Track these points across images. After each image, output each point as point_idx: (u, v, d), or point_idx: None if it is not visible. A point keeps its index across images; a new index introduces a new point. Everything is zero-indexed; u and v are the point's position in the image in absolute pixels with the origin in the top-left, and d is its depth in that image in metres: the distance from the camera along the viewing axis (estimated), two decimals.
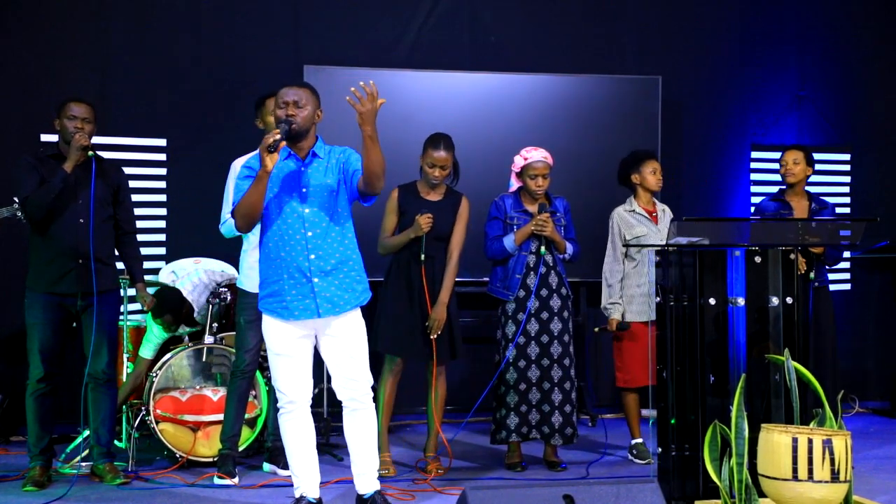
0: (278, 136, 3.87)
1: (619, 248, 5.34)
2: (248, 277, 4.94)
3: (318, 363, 4.18)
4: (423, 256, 4.95)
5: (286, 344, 4.03)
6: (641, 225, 5.35)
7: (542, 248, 5.07)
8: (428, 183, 5.04)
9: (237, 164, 4.98)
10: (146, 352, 5.45)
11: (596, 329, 5.54)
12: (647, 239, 5.28)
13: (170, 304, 5.29)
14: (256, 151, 4.95)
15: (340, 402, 4.11)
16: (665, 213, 5.45)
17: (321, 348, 4.09)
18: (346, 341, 4.06)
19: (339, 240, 4.03)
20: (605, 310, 5.37)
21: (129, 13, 6.39)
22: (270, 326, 4.05)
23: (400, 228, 5.02)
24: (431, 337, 4.92)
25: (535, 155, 5.09)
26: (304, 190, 4.00)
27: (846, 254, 7.18)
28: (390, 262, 5.09)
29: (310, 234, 3.98)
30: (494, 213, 5.18)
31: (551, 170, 5.14)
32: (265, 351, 5.13)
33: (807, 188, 5.69)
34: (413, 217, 4.94)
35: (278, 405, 4.10)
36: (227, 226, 4.97)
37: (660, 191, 5.46)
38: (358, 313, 4.12)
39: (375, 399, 4.22)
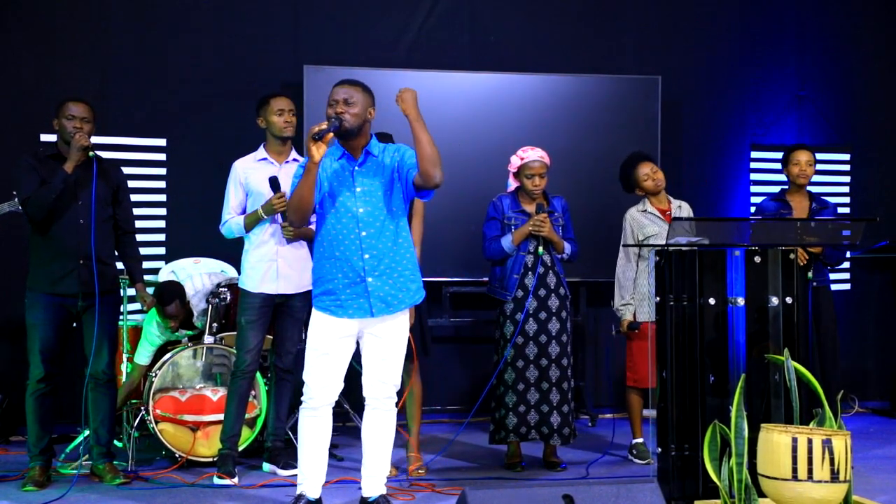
0: (325, 127, 3.86)
1: (630, 248, 5.31)
2: (249, 277, 4.94)
3: None
4: None
5: (330, 342, 4.02)
6: (654, 224, 5.30)
7: (540, 249, 5.07)
8: None
9: (237, 166, 4.99)
10: (142, 357, 5.42)
11: (614, 332, 5.48)
12: (658, 238, 5.20)
13: (173, 295, 5.24)
14: (256, 152, 5.00)
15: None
16: (681, 209, 5.42)
17: (363, 345, 4.11)
18: (388, 344, 4.08)
19: (394, 239, 4.03)
20: (618, 311, 5.33)
21: (129, 13, 6.40)
22: (319, 323, 4.05)
23: None
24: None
25: (532, 154, 5.09)
26: (357, 189, 4.00)
27: (846, 254, 7.18)
28: None
29: (364, 233, 3.98)
30: (492, 213, 5.18)
31: (549, 169, 5.14)
32: (266, 351, 5.19)
33: (808, 188, 5.68)
34: None
35: (303, 398, 4.08)
36: (227, 227, 4.98)
37: (662, 190, 5.42)
38: (406, 315, 4.13)
39: None
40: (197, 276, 5.52)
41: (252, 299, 4.92)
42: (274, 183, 4.80)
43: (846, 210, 7.29)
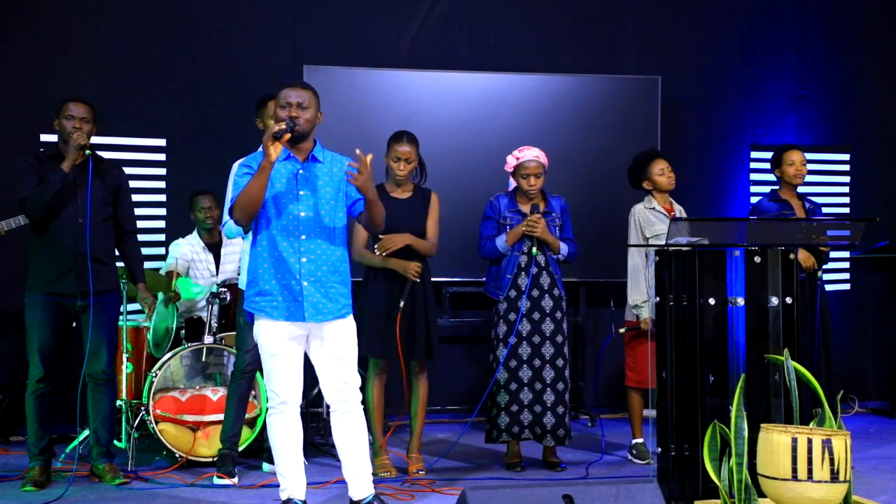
0: (283, 127, 3.86)
1: (640, 247, 5.24)
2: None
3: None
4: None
5: (278, 344, 4.00)
6: (661, 223, 5.23)
7: (534, 249, 5.05)
8: (394, 180, 5.03)
9: (236, 166, 4.98)
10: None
11: (622, 330, 5.45)
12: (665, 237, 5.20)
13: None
14: (256, 153, 4.99)
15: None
16: (682, 213, 5.42)
17: (310, 351, 4.08)
18: (337, 344, 4.04)
19: (331, 247, 4.02)
20: (637, 308, 5.22)
21: (128, 13, 6.40)
22: (263, 326, 4.03)
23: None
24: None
25: (528, 154, 5.08)
26: (300, 193, 3.99)
27: (846, 254, 7.19)
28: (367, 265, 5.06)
29: (303, 237, 3.97)
30: (489, 212, 5.17)
31: (545, 169, 5.12)
32: None
33: (798, 188, 5.68)
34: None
35: (269, 405, 4.08)
36: (227, 227, 4.97)
37: (671, 189, 5.40)
38: (348, 319, 4.10)
39: (364, 403, 4.20)
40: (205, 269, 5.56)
41: None
42: None
43: (846, 210, 7.30)
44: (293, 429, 4.06)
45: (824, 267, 5.69)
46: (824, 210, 6.27)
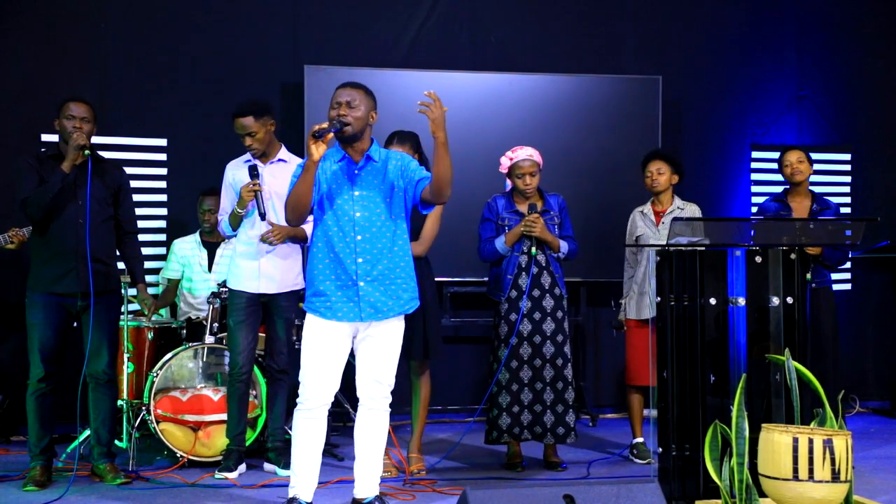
0: (325, 126, 3.86)
1: (631, 247, 5.39)
2: (234, 275, 4.97)
3: None
4: None
5: (322, 343, 4.01)
6: (643, 227, 5.38)
7: (534, 249, 5.05)
8: None
9: (227, 168, 5.06)
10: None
11: (616, 330, 5.54)
12: (643, 240, 5.31)
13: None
14: (245, 154, 5.00)
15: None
16: (683, 210, 5.40)
17: (357, 346, 4.10)
18: (383, 345, 4.07)
19: (390, 246, 4.02)
20: (620, 307, 5.44)
21: (128, 13, 6.39)
22: (312, 326, 4.04)
23: None
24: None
25: (521, 154, 5.08)
26: (356, 193, 4.00)
27: (848, 254, 7.18)
28: None
29: (359, 237, 3.97)
30: (487, 214, 5.17)
31: (540, 167, 5.12)
32: (263, 351, 5.19)
33: (811, 188, 5.68)
34: None
35: (298, 400, 4.06)
36: (220, 227, 5.00)
37: (667, 190, 5.40)
38: (401, 319, 4.12)
39: None
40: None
41: (237, 299, 4.94)
42: (252, 171, 4.82)
43: (847, 210, 7.29)
44: (318, 429, 4.07)
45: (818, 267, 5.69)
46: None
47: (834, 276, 7.03)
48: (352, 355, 4.15)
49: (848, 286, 7.30)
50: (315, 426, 4.06)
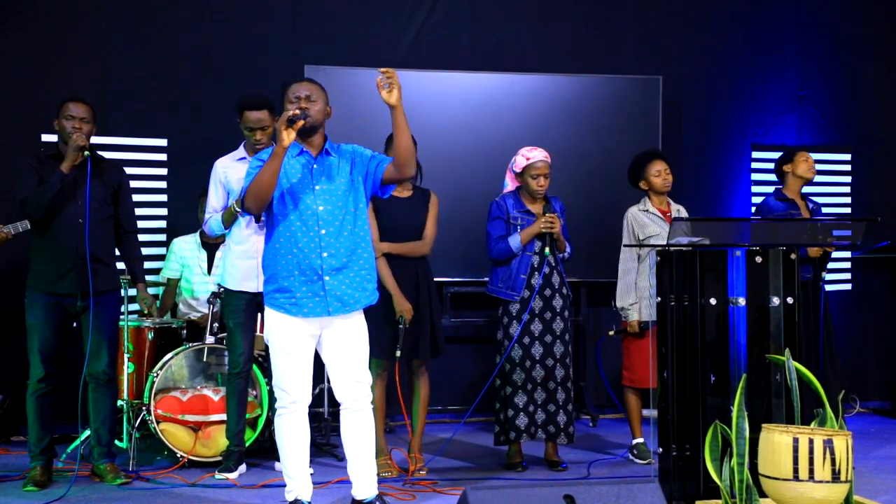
0: (298, 113, 3.86)
1: (634, 247, 5.28)
2: (230, 276, 4.96)
3: (319, 363, 4.16)
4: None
5: (292, 342, 3.99)
6: (655, 224, 5.28)
7: (547, 249, 5.06)
8: None
9: (217, 165, 5.02)
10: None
11: (611, 332, 5.48)
12: (659, 239, 5.17)
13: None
14: (236, 151, 4.99)
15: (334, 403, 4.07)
16: (680, 213, 5.41)
17: (323, 348, 4.06)
18: (350, 341, 4.04)
19: (353, 238, 4.01)
20: (624, 311, 5.29)
21: (129, 13, 6.39)
22: (276, 323, 4.01)
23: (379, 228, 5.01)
24: (400, 326, 4.90)
25: (537, 155, 5.09)
26: (317, 188, 3.99)
27: (847, 254, 7.19)
28: None
29: (323, 231, 3.96)
30: (496, 212, 5.16)
31: (551, 170, 5.14)
32: (263, 351, 5.19)
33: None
34: (386, 216, 4.95)
35: (277, 405, 4.06)
36: (209, 225, 4.99)
37: (667, 191, 5.41)
38: (362, 314, 4.10)
39: None
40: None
41: (236, 300, 4.93)
42: None
43: (846, 210, 7.30)
44: (301, 429, 4.05)
45: (828, 266, 5.69)
46: (824, 210, 6.27)
47: (834, 277, 7.05)
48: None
49: (848, 286, 7.30)
50: (301, 426, 4.04)
